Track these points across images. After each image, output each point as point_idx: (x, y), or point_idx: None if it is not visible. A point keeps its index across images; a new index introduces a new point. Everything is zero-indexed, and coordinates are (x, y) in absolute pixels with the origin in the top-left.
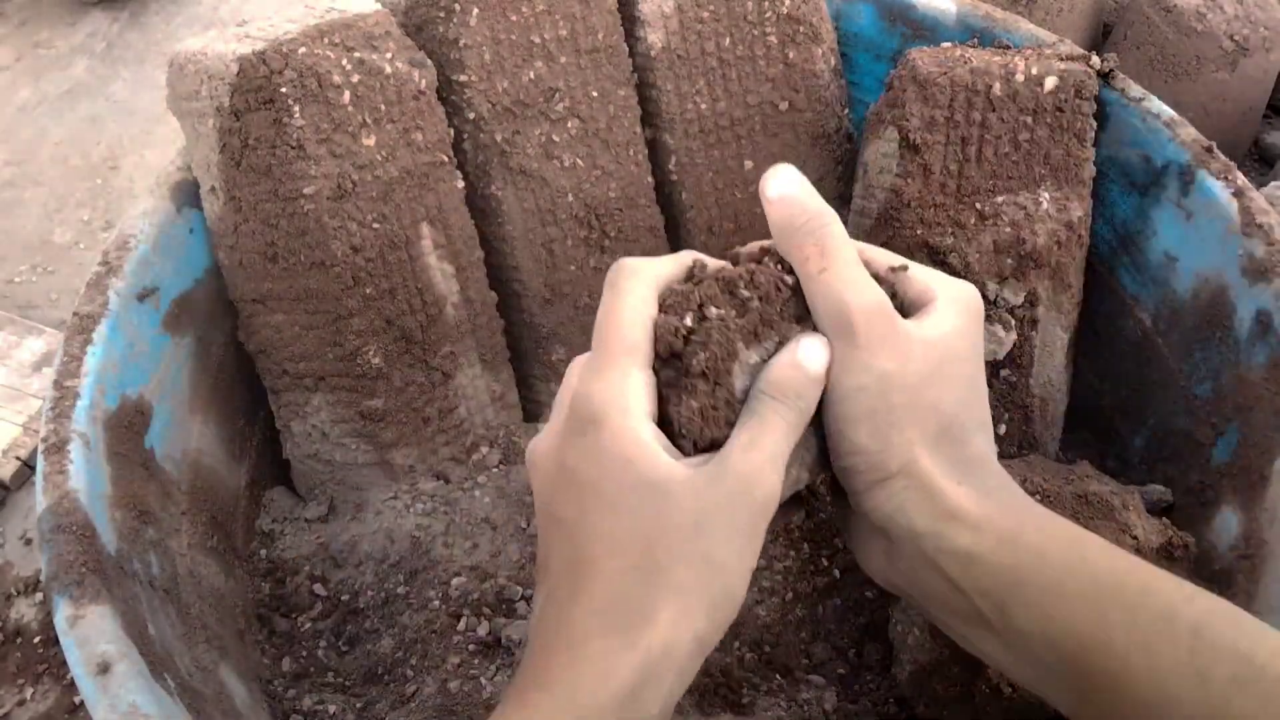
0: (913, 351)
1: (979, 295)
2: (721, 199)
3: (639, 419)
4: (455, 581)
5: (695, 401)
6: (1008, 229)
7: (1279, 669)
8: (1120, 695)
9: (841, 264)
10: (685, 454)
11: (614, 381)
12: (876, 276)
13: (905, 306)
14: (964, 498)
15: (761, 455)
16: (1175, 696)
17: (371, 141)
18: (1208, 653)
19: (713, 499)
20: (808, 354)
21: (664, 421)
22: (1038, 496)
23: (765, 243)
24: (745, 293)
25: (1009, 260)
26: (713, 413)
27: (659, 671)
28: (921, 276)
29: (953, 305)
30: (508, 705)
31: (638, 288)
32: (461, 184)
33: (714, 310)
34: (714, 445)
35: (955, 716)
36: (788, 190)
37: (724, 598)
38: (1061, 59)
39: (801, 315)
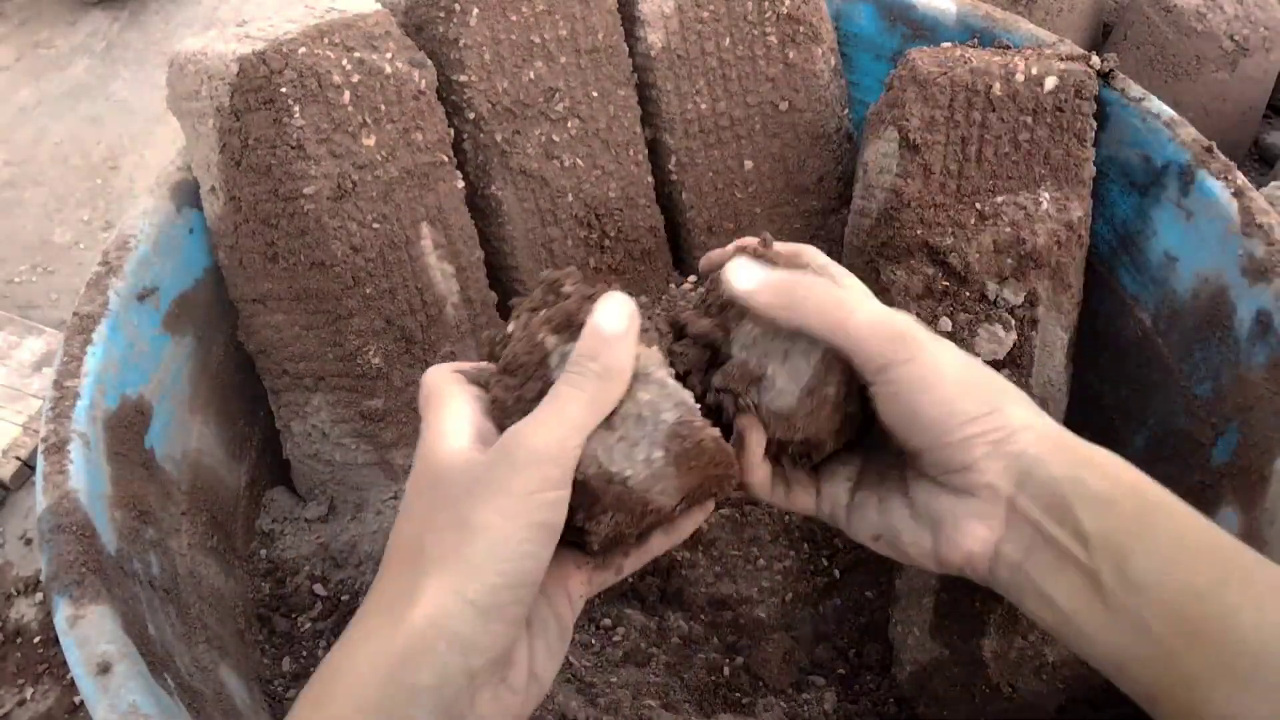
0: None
1: None
2: (721, 199)
3: (449, 425)
4: None
5: (500, 393)
6: (1008, 229)
7: None
8: (1225, 648)
9: (863, 296)
10: None
11: (434, 407)
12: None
13: None
14: (1091, 447)
15: (533, 422)
16: (1276, 652)
17: (371, 141)
18: None
19: (475, 471)
20: (603, 315)
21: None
22: None
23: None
24: (566, 288)
25: (1009, 260)
26: (519, 405)
27: (427, 642)
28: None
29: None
30: (298, 707)
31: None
32: (461, 184)
33: (529, 314)
34: None
35: (955, 716)
36: (756, 277)
37: (488, 556)
38: (1061, 59)
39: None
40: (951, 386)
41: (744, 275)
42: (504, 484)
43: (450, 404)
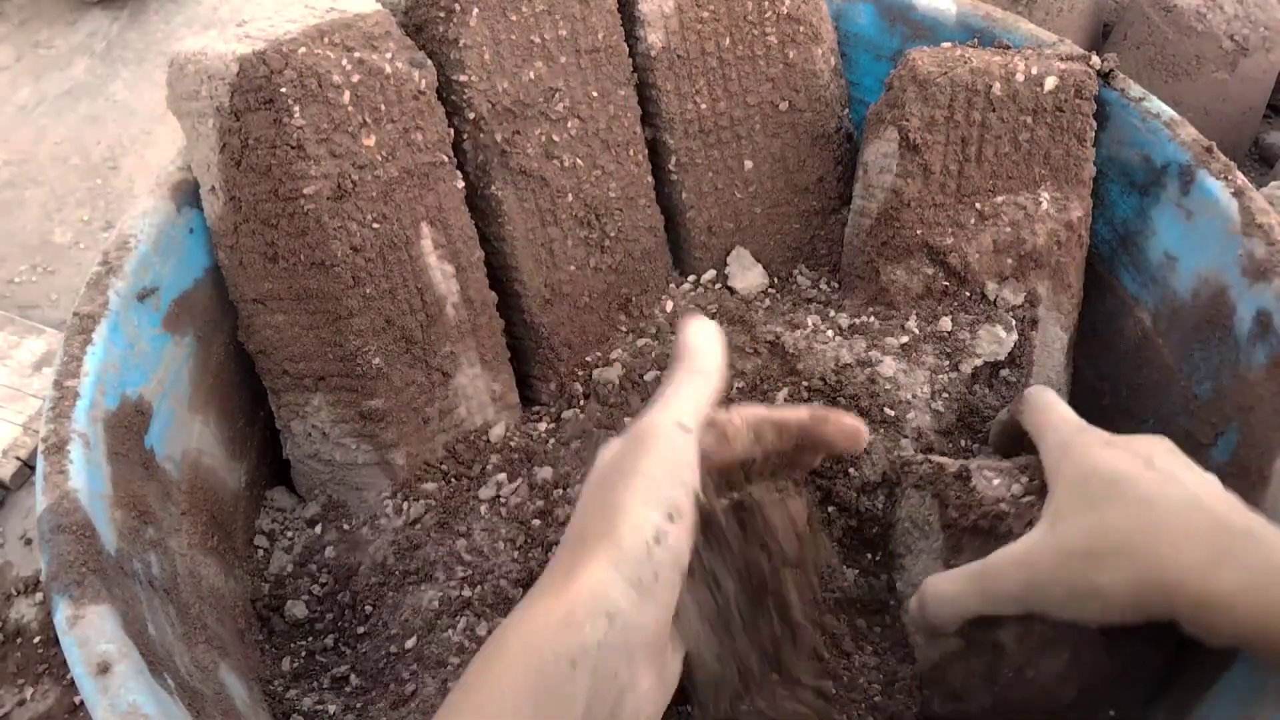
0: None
1: None
2: (721, 199)
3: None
4: (455, 581)
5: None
6: (1008, 229)
7: None
8: None
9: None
10: None
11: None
12: None
13: None
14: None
15: (654, 408)
16: None
17: (371, 141)
18: None
19: (617, 460)
20: (694, 331)
21: None
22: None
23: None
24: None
25: (1009, 260)
26: None
27: (587, 609)
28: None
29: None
30: (467, 673)
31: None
32: (461, 184)
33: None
34: None
35: (972, 708)
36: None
37: (630, 533)
38: (1061, 59)
39: None
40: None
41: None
42: (635, 466)
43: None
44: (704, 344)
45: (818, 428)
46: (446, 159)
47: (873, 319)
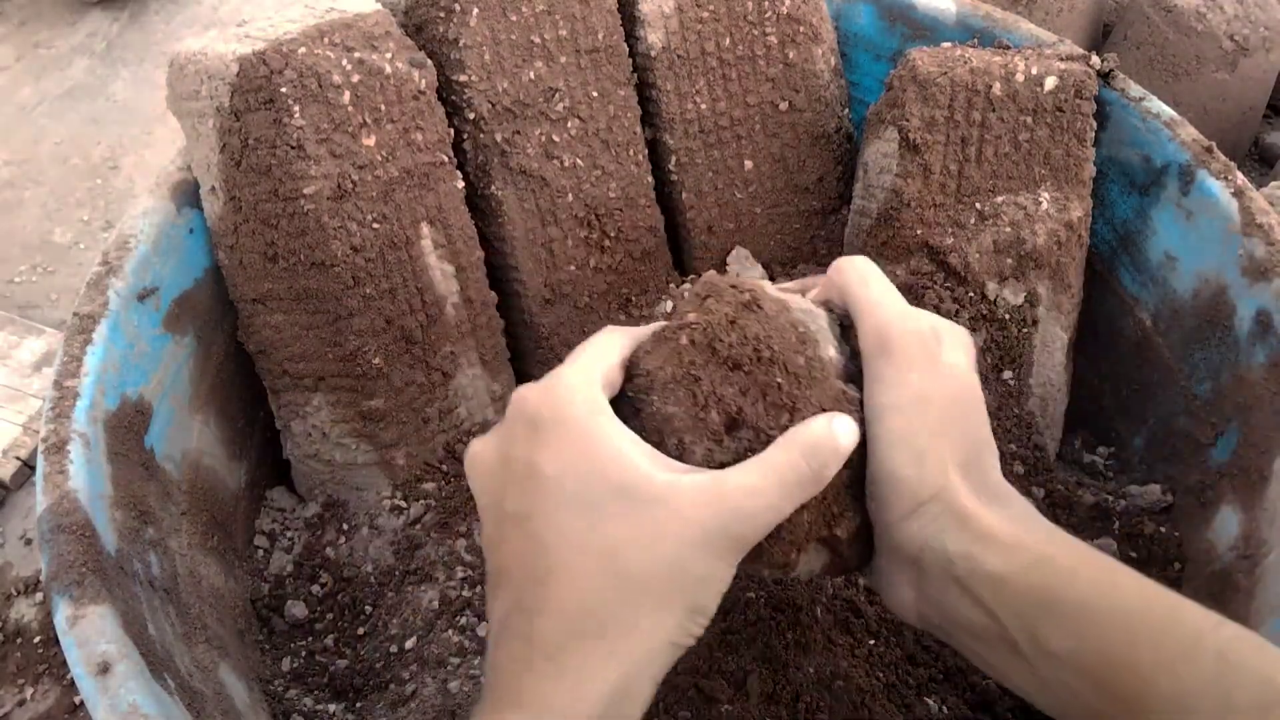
0: (943, 375)
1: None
2: (721, 199)
3: (608, 417)
4: (454, 581)
5: (716, 388)
6: (1008, 229)
7: None
8: (1148, 717)
9: (884, 290)
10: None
11: (577, 384)
12: None
13: None
14: (995, 521)
15: (761, 498)
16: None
17: (371, 141)
18: (1232, 676)
19: (696, 516)
20: (841, 426)
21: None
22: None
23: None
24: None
25: (1009, 260)
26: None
27: (639, 680)
28: (928, 319)
29: (961, 343)
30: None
31: (610, 335)
32: (461, 184)
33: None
34: (705, 460)
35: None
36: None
37: (698, 610)
38: (1061, 59)
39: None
40: (890, 428)
41: None
42: (721, 547)
43: (595, 380)
44: (845, 447)
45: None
46: (446, 159)
47: None
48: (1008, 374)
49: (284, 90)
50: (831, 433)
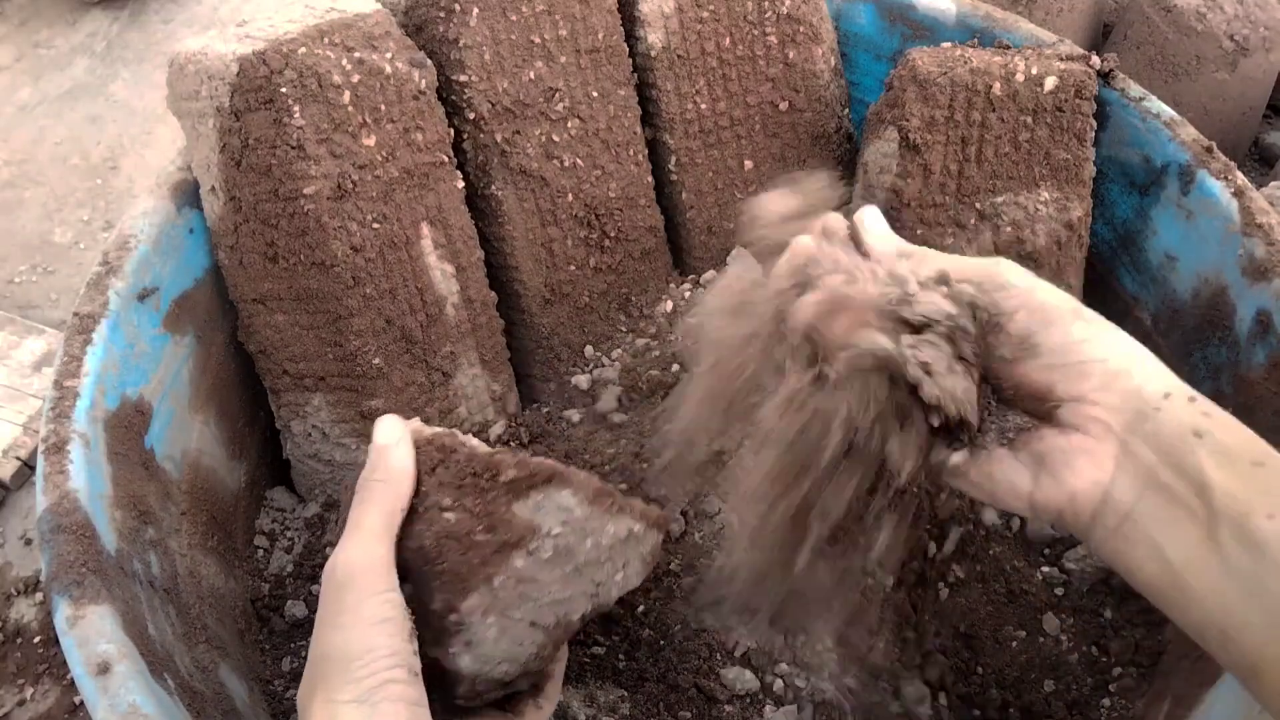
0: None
1: None
2: (721, 199)
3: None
4: None
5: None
6: (1008, 229)
7: None
8: None
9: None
10: None
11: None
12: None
13: None
14: (1209, 402)
15: (343, 546)
16: None
17: (371, 141)
18: None
19: (321, 607)
20: (380, 432)
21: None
22: None
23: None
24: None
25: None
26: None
27: None
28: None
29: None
30: None
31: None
32: (461, 184)
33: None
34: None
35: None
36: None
37: (343, 667)
38: (1061, 59)
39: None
40: (1069, 313)
41: None
42: (339, 603)
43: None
44: (387, 444)
45: None
46: (446, 159)
47: None
48: None
49: (284, 90)
50: (374, 443)
